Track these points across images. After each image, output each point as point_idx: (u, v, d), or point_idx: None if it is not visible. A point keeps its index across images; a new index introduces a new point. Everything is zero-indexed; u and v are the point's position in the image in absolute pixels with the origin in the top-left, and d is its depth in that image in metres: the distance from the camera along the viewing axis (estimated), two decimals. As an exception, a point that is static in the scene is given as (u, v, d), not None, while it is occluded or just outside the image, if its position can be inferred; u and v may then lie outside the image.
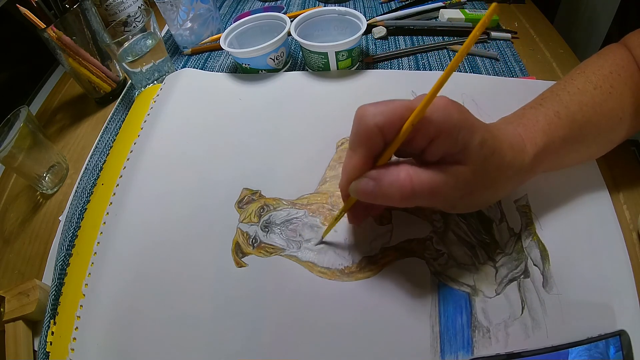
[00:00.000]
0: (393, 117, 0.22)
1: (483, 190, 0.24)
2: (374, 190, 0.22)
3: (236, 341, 0.28)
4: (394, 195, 0.22)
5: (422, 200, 0.22)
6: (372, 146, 0.23)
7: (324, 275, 0.30)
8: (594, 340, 0.24)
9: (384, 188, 0.22)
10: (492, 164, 0.24)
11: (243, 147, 0.40)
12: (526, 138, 0.26)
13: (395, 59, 0.49)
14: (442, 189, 0.22)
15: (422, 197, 0.22)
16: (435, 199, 0.23)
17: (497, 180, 0.25)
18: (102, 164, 0.43)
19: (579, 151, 0.30)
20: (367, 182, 0.23)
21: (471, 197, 0.24)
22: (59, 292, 0.32)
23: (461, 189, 0.23)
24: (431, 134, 0.22)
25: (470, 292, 0.28)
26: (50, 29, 0.43)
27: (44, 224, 0.41)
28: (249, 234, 0.33)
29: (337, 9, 0.47)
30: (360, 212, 0.28)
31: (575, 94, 0.29)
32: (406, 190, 0.21)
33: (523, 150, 0.26)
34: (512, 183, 0.26)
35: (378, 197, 0.22)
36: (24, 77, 0.62)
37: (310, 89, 0.45)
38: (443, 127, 0.21)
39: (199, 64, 0.54)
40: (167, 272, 0.32)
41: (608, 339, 0.24)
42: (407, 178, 0.21)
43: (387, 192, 0.22)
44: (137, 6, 0.55)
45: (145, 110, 0.45)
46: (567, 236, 0.30)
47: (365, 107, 0.23)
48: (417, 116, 0.21)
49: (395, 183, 0.22)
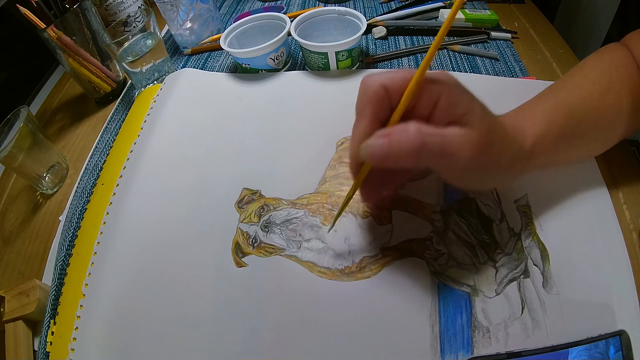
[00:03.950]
0: (397, 79, 0.22)
1: (487, 166, 0.24)
2: (383, 147, 0.21)
3: (236, 341, 0.28)
4: (404, 150, 0.21)
5: (432, 158, 0.22)
6: (379, 107, 0.23)
7: (324, 275, 0.30)
8: (594, 340, 0.25)
9: (393, 143, 0.21)
10: (495, 138, 0.23)
11: (243, 147, 0.40)
12: (525, 126, 0.26)
13: (395, 59, 0.49)
14: (452, 146, 0.22)
15: (432, 152, 0.21)
16: (444, 159, 0.22)
17: (498, 160, 0.24)
18: (102, 164, 0.43)
19: (577, 147, 0.30)
20: (376, 139, 0.22)
21: (476, 171, 0.24)
22: (59, 292, 0.32)
23: (469, 150, 0.22)
24: (435, 95, 0.22)
25: (470, 292, 0.28)
26: (50, 29, 0.43)
27: (44, 224, 0.41)
28: (249, 234, 0.33)
29: (337, 9, 0.47)
30: (372, 189, 0.27)
31: (574, 89, 0.29)
32: (417, 143, 0.21)
33: (523, 134, 0.26)
34: (512, 170, 0.26)
35: (388, 155, 0.21)
36: (24, 77, 0.62)
37: (310, 89, 0.45)
38: (446, 86, 0.22)
39: (199, 64, 0.54)
40: (167, 272, 0.32)
41: (608, 339, 0.24)
42: (417, 132, 0.21)
43: (397, 148, 0.21)
44: (137, 6, 0.55)
45: (145, 110, 0.45)
46: (567, 236, 0.30)
47: (369, 74, 0.23)
48: (422, 73, 0.21)
49: (405, 137, 0.21)
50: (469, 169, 0.23)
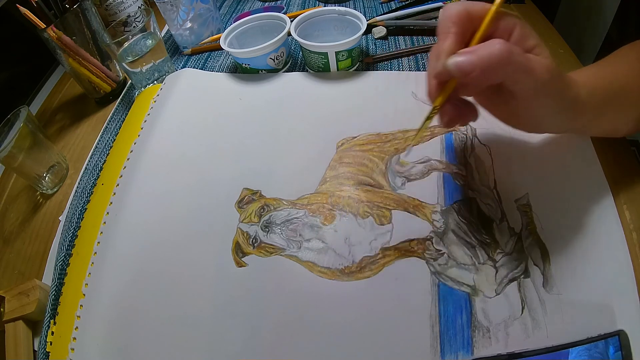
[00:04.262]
0: (478, 5, 0.24)
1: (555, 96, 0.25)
2: (472, 59, 0.22)
3: (236, 341, 0.28)
4: (493, 61, 0.22)
5: (516, 72, 0.23)
6: (463, 28, 0.24)
7: (324, 275, 0.30)
8: (593, 340, 0.25)
9: (482, 56, 0.22)
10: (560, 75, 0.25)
11: (243, 147, 0.40)
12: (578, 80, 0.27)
13: (395, 59, 0.48)
14: (533, 62, 0.23)
15: (517, 65, 0.22)
16: (526, 75, 0.23)
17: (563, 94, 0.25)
18: (102, 164, 0.43)
19: (617, 114, 0.30)
20: (464, 54, 0.23)
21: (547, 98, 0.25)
22: (59, 292, 0.32)
23: (547, 71, 0.23)
24: (510, 26, 0.24)
25: (470, 292, 0.28)
26: (50, 29, 0.43)
27: (44, 224, 0.41)
28: (249, 234, 0.33)
29: (337, 9, 0.47)
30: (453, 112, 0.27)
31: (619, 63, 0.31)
32: (505, 54, 0.22)
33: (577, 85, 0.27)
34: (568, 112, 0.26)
35: (477, 66, 0.22)
36: (24, 77, 0.62)
37: (311, 89, 0.45)
38: (519, 19, 0.24)
39: (199, 64, 0.54)
40: (167, 271, 0.32)
41: (607, 338, 0.24)
42: (505, 44, 0.22)
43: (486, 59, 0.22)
44: (137, 6, 0.55)
45: (145, 110, 0.45)
46: (568, 236, 0.30)
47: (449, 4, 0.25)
48: None
49: (493, 50, 0.22)
50: (543, 93, 0.24)
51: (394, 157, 0.36)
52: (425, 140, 0.37)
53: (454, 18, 0.24)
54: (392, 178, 0.35)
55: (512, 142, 0.35)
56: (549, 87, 0.24)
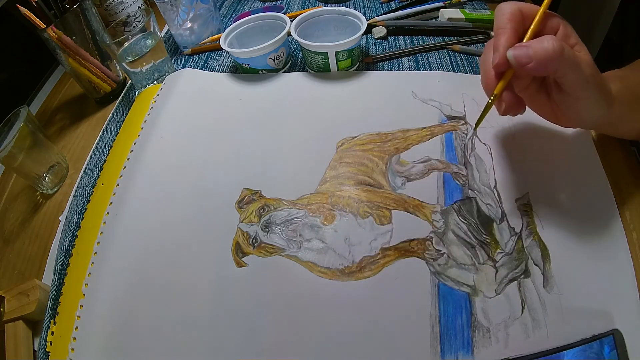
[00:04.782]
0: (528, 6, 0.27)
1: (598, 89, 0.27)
2: (528, 51, 0.25)
3: (236, 341, 0.28)
4: (549, 54, 0.24)
5: (567, 65, 0.25)
6: (518, 24, 0.27)
7: (324, 275, 0.30)
8: (588, 341, 0.24)
9: (537, 49, 0.25)
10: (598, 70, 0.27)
11: (243, 147, 0.40)
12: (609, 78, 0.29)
13: (395, 59, 0.48)
14: (579, 57, 0.25)
15: (567, 59, 0.25)
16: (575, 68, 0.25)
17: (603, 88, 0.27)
18: (102, 164, 0.43)
19: None
20: (519, 46, 0.25)
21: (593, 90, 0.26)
22: (59, 292, 0.32)
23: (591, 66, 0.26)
24: (555, 25, 0.27)
25: (470, 292, 0.28)
26: (50, 29, 0.43)
27: (44, 224, 0.41)
28: (249, 234, 0.33)
29: (337, 9, 0.47)
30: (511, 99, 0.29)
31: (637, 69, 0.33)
32: (558, 48, 0.24)
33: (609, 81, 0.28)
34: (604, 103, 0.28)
35: (532, 57, 0.25)
36: (24, 77, 0.62)
37: (311, 89, 0.45)
38: (563, 20, 0.28)
39: (199, 64, 0.54)
40: (167, 271, 0.32)
41: (602, 338, 0.24)
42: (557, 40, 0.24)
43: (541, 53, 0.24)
44: (137, 6, 0.55)
45: (145, 110, 0.45)
46: (569, 235, 0.30)
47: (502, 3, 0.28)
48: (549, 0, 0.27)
49: (547, 44, 0.24)
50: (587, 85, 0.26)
51: (394, 156, 0.36)
52: (425, 140, 0.37)
53: (509, 16, 0.27)
54: (392, 178, 0.35)
55: (513, 142, 0.36)
56: (592, 80, 0.26)
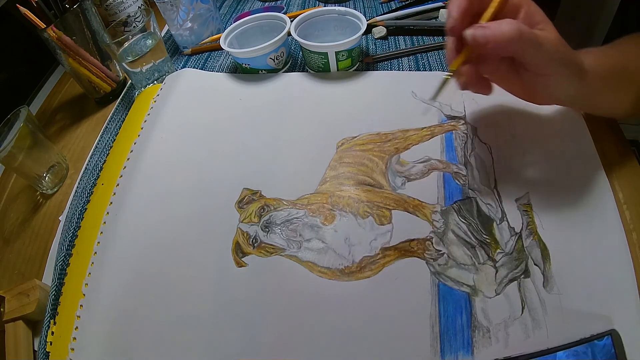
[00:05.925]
0: None
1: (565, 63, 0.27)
2: (485, 32, 0.25)
3: (236, 341, 0.28)
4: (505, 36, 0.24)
5: (526, 45, 0.25)
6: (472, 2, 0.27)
7: (324, 275, 0.30)
8: (585, 341, 0.24)
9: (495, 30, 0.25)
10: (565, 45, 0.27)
11: (243, 147, 0.40)
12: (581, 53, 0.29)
13: (395, 59, 0.48)
14: (540, 36, 0.25)
15: (526, 39, 0.25)
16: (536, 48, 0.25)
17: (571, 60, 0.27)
18: (102, 164, 0.43)
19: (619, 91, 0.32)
20: (478, 26, 0.26)
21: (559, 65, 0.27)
22: (59, 292, 0.32)
23: (554, 42, 0.26)
24: (517, 5, 0.27)
25: (470, 292, 0.28)
26: (50, 29, 0.43)
27: (44, 224, 0.41)
28: (249, 234, 0.33)
29: (337, 9, 0.47)
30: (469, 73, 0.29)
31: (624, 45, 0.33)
32: (515, 30, 0.24)
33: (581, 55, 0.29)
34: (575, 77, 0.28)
35: (489, 39, 0.25)
36: (24, 77, 0.62)
37: (311, 89, 0.45)
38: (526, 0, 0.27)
39: (199, 64, 0.54)
40: (167, 271, 0.32)
41: (600, 338, 0.24)
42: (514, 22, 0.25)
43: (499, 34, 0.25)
44: (137, 6, 0.55)
45: (145, 110, 0.45)
46: (569, 235, 0.30)
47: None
48: None
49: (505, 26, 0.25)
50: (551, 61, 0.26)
51: (394, 156, 0.36)
52: (425, 140, 0.37)
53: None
54: (392, 178, 0.35)
55: (513, 141, 0.35)
56: (557, 56, 0.26)
